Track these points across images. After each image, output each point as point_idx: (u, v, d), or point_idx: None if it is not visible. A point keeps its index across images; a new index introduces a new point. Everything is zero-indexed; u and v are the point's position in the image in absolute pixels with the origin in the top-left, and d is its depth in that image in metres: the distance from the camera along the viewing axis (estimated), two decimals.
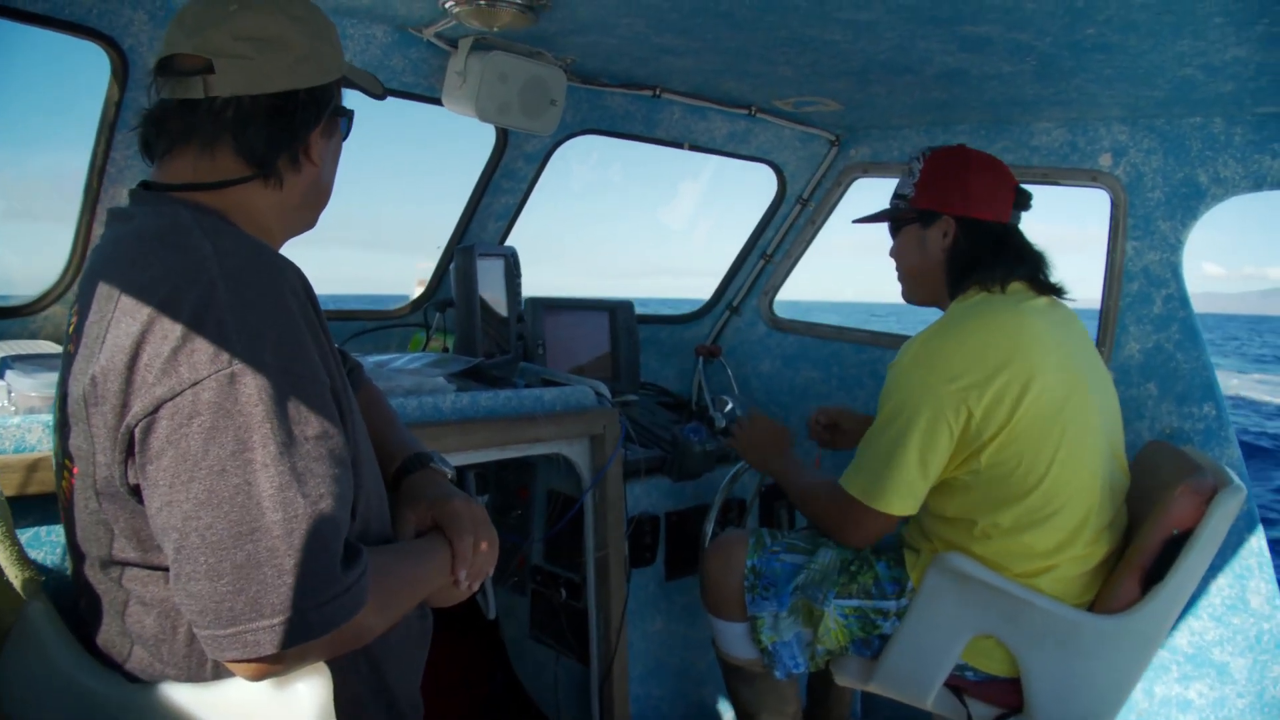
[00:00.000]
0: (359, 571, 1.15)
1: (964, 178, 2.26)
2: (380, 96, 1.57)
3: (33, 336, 2.24)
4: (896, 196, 2.37)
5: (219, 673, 1.21)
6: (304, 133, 1.36)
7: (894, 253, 2.40)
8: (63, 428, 1.26)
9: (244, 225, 1.32)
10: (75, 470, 1.23)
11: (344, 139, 1.50)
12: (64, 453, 1.26)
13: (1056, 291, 2.27)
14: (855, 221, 2.64)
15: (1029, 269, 2.26)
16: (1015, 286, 2.23)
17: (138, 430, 1.10)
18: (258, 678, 1.13)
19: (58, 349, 2.03)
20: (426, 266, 3.20)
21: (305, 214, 1.45)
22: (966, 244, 2.25)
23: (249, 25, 1.30)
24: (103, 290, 1.19)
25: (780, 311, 3.78)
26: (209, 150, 1.31)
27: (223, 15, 1.30)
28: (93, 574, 1.27)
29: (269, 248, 1.26)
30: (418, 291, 3.17)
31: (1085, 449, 2.12)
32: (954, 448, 2.09)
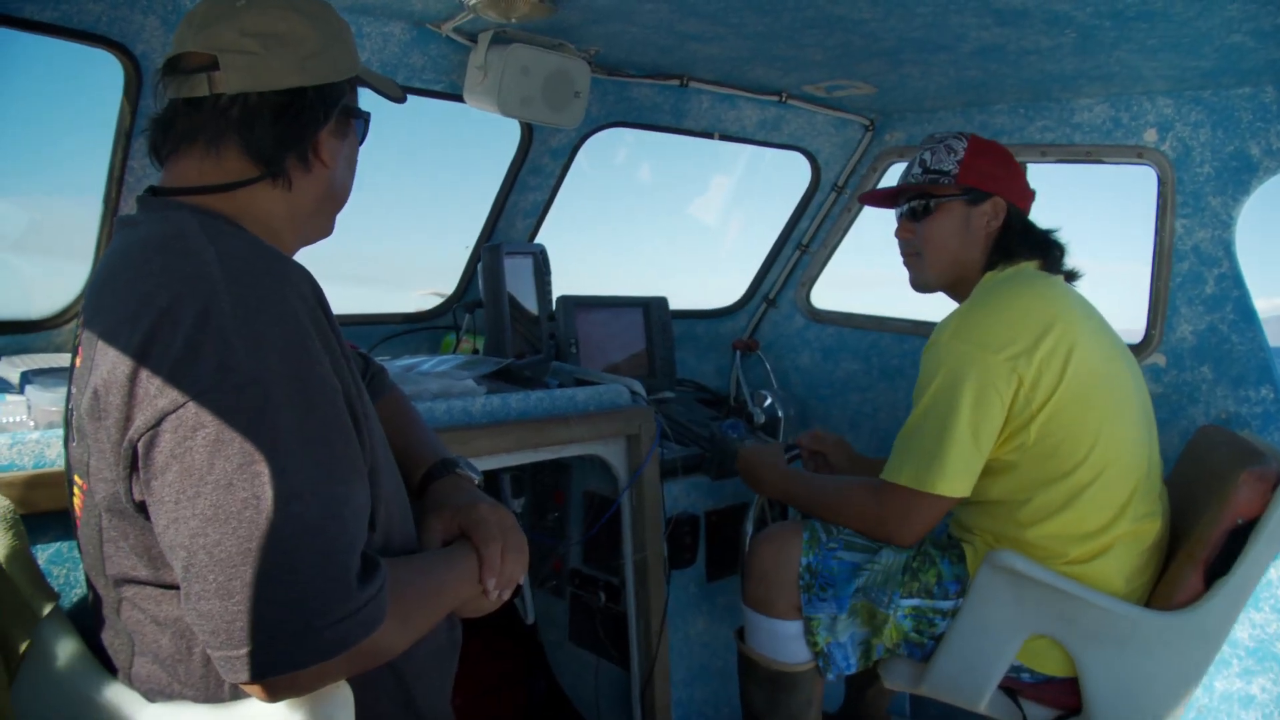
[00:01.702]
0: (376, 586, 1.10)
1: (1012, 167, 2.30)
2: (399, 100, 1.52)
3: (57, 350, 2.22)
4: (933, 172, 2.29)
5: (236, 693, 1.17)
6: (312, 131, 1.31)
7: (920, 231, 2.32)
8: (70, 443, 1.22)
9: (254, 229, 1.27)
10: (83, 486, 1.19)
11: (361, 142, 1.45)
12: (72, 468, 1.23)
13: (1072, 276, 2.32)
14: (863, 200, 2.56)
15: (1057, 256, 2.29)
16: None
17: (141, 445, 1.06)
18: (274, 699, 1.08)
19: None
20: (419, 295, 3.16)
21: (319, 219, 1.40)
22: (1017, 227, 2.26)
23: (257, 22, 1.26)
24: (105, 300, 1.15)
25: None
26: (215, 150, 1.26)
27: (230, 11, 1.26)
28: (106, 592, 1.23)
29: (275, 251, 1.21)
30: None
31: (1126, 418, 2.10)
32: (1004, 420, 2.03)
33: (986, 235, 2.25)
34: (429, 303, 3.13)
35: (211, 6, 1.28)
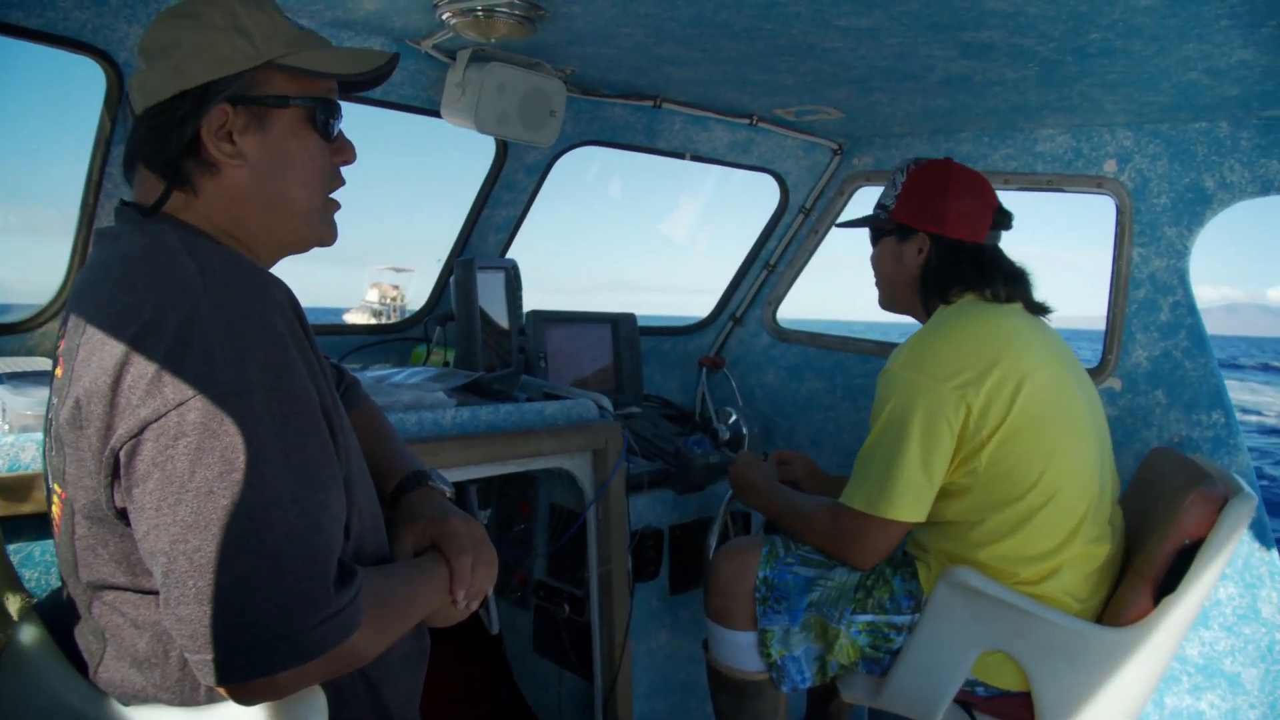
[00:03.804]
0: (353, 592, 1.13)
1: (944, 196, 2.29)
2: (355, 79, 1.36)
3: (30, 353, 2.23)
4: (879, 206, 2.39)
5: (212, 696, 1.18)
6: (180, 131, 1.26)
7: (872, 260, 2.44)
8: (50, 451, 1.24)
9: (223, 240, 1.30)
10: (62, 495, 1.21)
11: (325, 134, 1.35)
12: (52, 476, 1.24)
13: (1041, 310, 2.32)
14: (839, 225, 2.66)
15: (1007, 286, 2.29)
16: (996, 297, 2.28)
17: (123, 453, 1.08)
18: (251, 702, 1.10)
19: None
20: (377, 269, 3.18)
21: (269, 219, 1.33)
22: (940, 262, 2.30)
23: (148, 40, 1.30)
24: (87, 312, 1.16)
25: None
26: (134, 170, 1.31)
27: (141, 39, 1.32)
28: (83, 597, 1.24)
29: (253, 264, 1.23)
30: (371, 294, 3.15)
31: (1079, 444, 2.14)
32: (954, 447, 2.08)
33: (917, 268, 2.32)
34: (387, 277, 3.15)
35: None
